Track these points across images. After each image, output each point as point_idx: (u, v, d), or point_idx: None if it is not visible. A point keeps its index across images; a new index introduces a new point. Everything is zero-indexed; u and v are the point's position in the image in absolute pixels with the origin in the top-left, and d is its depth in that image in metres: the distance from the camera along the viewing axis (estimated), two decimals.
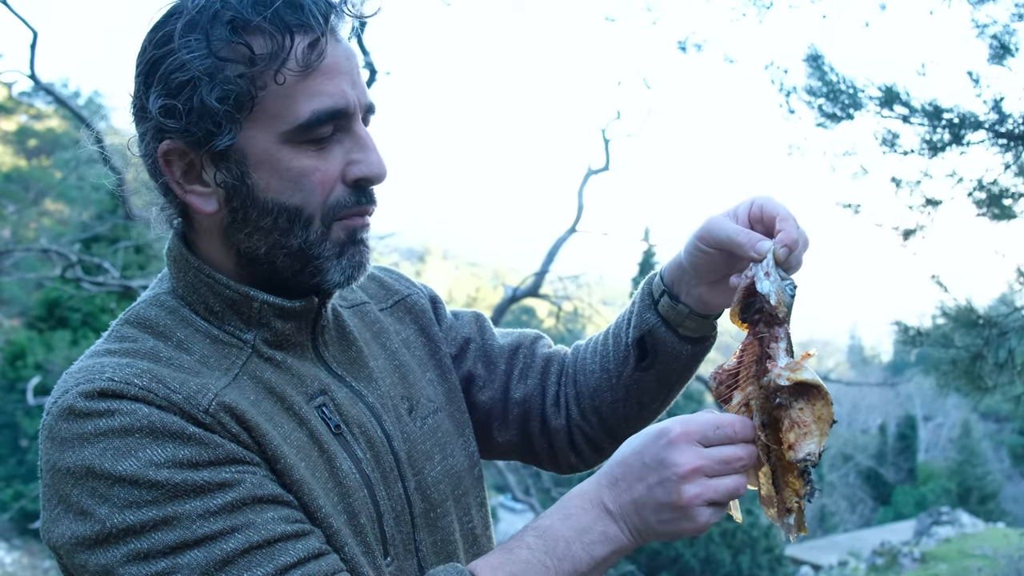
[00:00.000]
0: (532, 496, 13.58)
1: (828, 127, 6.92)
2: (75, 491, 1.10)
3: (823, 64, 6.87)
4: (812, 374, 1.17)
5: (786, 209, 1.28)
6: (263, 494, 1.14)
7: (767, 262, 1.21)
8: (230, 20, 1.17)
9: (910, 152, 6.60)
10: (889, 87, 6.48)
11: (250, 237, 1.25)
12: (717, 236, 1.30)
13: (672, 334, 1.47)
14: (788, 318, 1.21)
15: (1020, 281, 7.20)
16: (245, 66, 1.17)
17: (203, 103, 1.16)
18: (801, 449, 1.17)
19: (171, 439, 1.11)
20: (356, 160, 1.26)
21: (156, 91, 1.19)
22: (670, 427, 1.19)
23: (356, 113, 1.25)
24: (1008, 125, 6.33)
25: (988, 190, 6.74)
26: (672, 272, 1.45)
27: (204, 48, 1.16)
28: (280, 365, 1.30)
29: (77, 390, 1.14)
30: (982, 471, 32.26)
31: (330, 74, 1.21)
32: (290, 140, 1.21)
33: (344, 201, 1.26)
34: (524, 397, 1.62)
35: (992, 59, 6.51)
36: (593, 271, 15.51)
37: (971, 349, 7.02)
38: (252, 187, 1.22)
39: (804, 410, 1.18)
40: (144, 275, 17.80)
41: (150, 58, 1.21)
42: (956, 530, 21.53)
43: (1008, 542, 17.43)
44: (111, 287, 14.46)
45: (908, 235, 6.97)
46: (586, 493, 1.23)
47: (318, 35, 1.19)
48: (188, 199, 1.25)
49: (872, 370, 47.93)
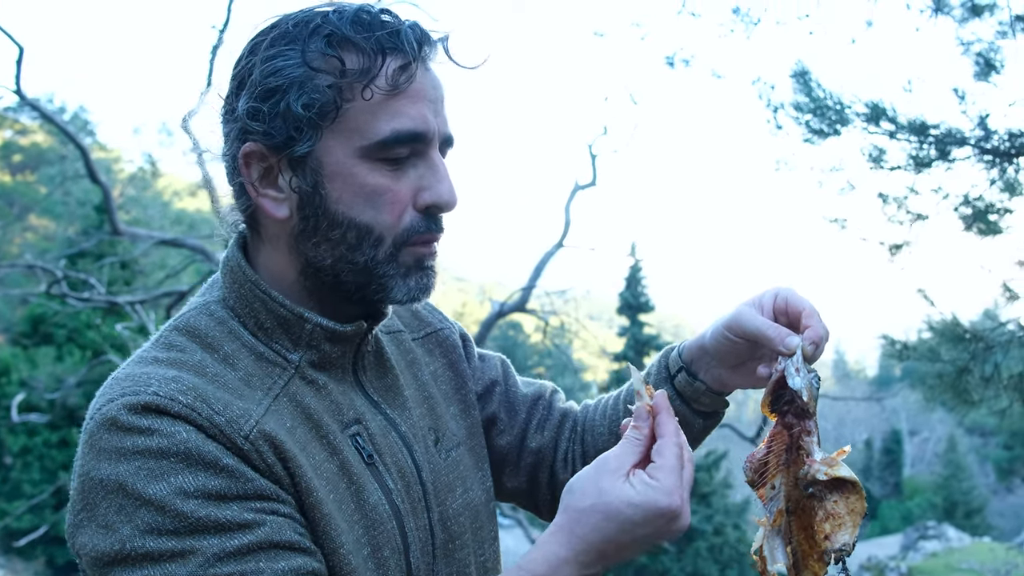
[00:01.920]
0: (519, 512, 13.55)
1: (815, 143, 6.95)
2: (104, 503, 1.11)
3: (810, 80, 6.91)
4: (849, 471, 1.23)
5: (811, 304, 1.33)
6: (280, 540, 1.14)
7: (796, 358, 1.27)
8: (327, 35, 1.21)
9: (897, 168, 6.65)
10: (876, 103, 6.53)
11: (317, 247, 1.27)
12: (746, 328, 1.35)
13: (686, 407, 1.51)
14: (815, 409, 1.27)
15: (1005, 296, 7.26)
16: (335, 77, 1.20)
17: (288, 108, 1.20)
18: (837, 540, 1.22)
19: (204, 468, 1.13)
20: (428, 186, 1.28)
21: (247, 94, 1.23)
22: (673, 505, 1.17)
23: (434, 140, 1.28)
24: (994, 141, 6.38)
25: (974, 206, 6.79)
26: (693, 352, 1.49)
27: (298, 57, 1.21)
28: (321, 389, 1.31)
29: (122, 401, 1.14)
30: (968, 485, 32.39)
31: (415, 98, 1.24)
32: (367, 156, 1.23)
33: (415, 226, 1.28)
34: (539, 448, 1.65)
35: (977, 76, 6.58)
36: (580, 286, 15.57)
37: (957, 363, 7.06)
38: (325, 197, 1.25)
39: (839, 503, 1.23)
40: (130, 291, 17.74)
41: (245, 64, 1.25)
42: (943, 544, 21.57)
43: (995, 556, 17.49)
44: (97, 303, 14.41)
45: (895, 250, 7.02)
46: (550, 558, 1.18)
47: (410, 59, 1.22)
48: (261, 202, 1.27)
49: (857, 384, 48.15)
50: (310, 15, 1.24)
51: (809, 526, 1.26)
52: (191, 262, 15.14)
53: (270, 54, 1.22)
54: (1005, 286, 7.21)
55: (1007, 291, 7.21)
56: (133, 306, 14.29)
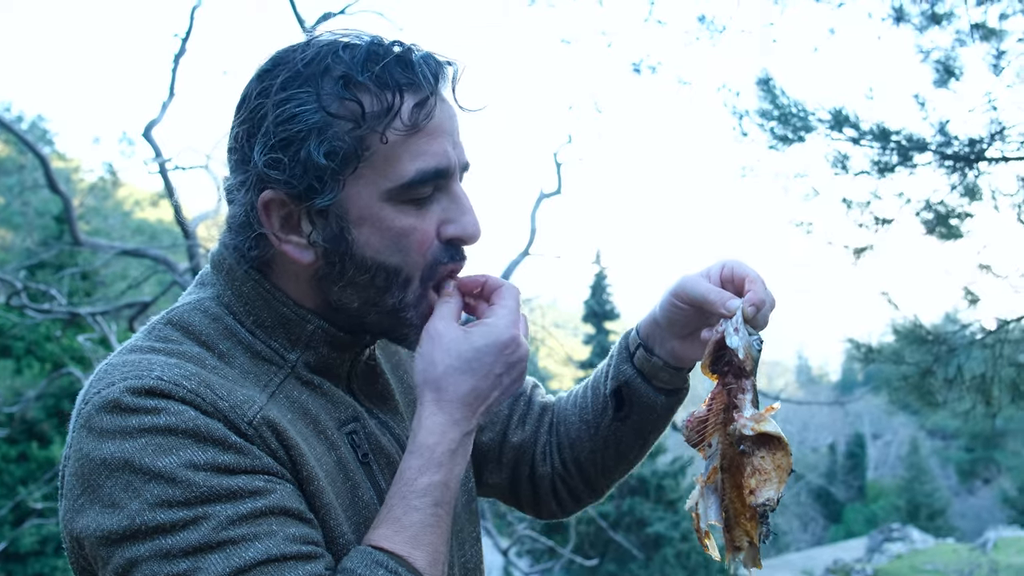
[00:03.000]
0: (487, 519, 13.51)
1: (780, 149, 7.04)
2: (108, 483, 1.10)
3: (774, 87, 7.00)
4: (775, 426, 1.28)
5: (755, 271, 1.38)
6: (290, 507, 1.15)
7: (736, 319, 1.32)
8: (342, 76, 1.18)
9: (861, 173, 6.74)
10: (839, 110, 6.62)
11: (343, 291, 1.27)
12: (691, 293, 1.40)
13: (647, 385, 1.54)
14: (754, 371, 1.32)
15: (967, 299, 7.37)
16: (354, 124, 1.18)
17: (310, 158, 1.17)
18: (761, 494, 1.27)
19: (213, 444, 1.13)
20: (453, 219, 1.29)
21: (262, 141, 1.19)
22: (515, 336, 1.29)
23: (456, 173, 1.28)
24: (954, 147, 6.49)
25: (935, 210, 6.89)
26: (647, 327, 1.54)
27: (314, 102, 1.17)
28: (316, 388, 1.32)
29: (124, 384, 1.14)
30: (930, 488, 32.82)
31: (434, 134, 1.23)
32: (392, 198, 1.23)
33: (439, 258, 1.29)
34: (520, 443, 1.67)
35: (937, 83, 6.69)
36: (546, 294, 15.63)
37: (921, 365, 7.16)
38: (351, 243, 1.24)
39: (765, 458, 1.28)
40: (91, 302, 17.49)
41: (256, 107, 1.21)
42: (907, 546, 21.85)
43: (958, 557, 17.74)
44: (58, 314, 14.18)
45: (859, 253, 7.10)
46: (447, 437, 1.25)
47: (427, 95, 1.21)
48: (284, 248, 1.25)
49: (820, 389, 48.57)
50: (321, 53, 1.20)
51: (740, 484, 1.30)
52: (153, 272, 14.94)
53: (283, 97, 1.18)
54: (966, 289, 7.33)
55: (968, 294, 7.33)
56: (95, 317, 14.08)
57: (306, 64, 1.19)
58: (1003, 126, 6.46)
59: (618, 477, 1.66)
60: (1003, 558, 17.09)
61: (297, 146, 1.17)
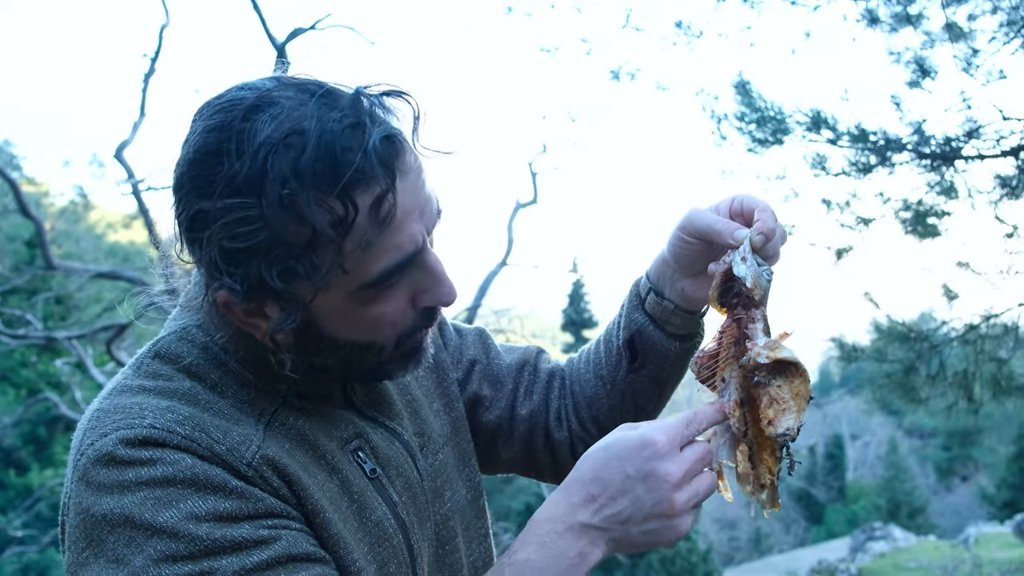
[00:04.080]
0: None
1: (759, 152, 7.10)
2: (110, 538, 1.07)
3: (751, 91, 7.06)
4: (790, 352, 1.22)
5: (765, 203, 1.32)
6: (297, 552, 1.12)
7: (744, 248, 1.26)
8: (285, 194, 1.04)
9: (840, 174, 6.81)
10: (816, 112, 6.69)
11: (321, 358, 1.22)
12: (698, 226, 1.34)
13: (660, 332, 1.49)
14: (765, 301, 1.26)
15: (946, 296, 7.46)
16: (304, 246, 1.07)
17: (262, 278, 1.08)
18: (780, 424, 1.22)
19: (213, 491, 1.09)
20: (426, 289, 1.20)
21: (208, 249, 1.09)
22: (653, 437, 1.17)
23: (425, 246, 1.17)
24: (931, 146, 6.57)
25: (914, 209, 6.98)
26: (656, 268, 1.48)
27: (258, 222, 1.05)
28: (313, 413, 1.27)
29: (117, 436, 1.10)
30: (910, 486, 33.01)
31: (399, 224, 1.11)
32: (358, 294, 1.15)
33: (415, 325, 1.23)
34: (530, 414, 1.63)
35: (911, 84, 6.78)
36: (524, 304, 15.64)
37: (904, 363, 7.24)
38: (321, 329, 1.18)
39: (782, 387, 1.23)
40: (66, 326, 17.32)
41: (194, 209, 1.09)
42: (890, 545, 21.97)
43: (941, 554, 17.87)
44: (33, 339, 14.05)
45: (841, 254, 7.17)
46: (557, 517, 1.18)
47: (384, 191, 1.08)
48: (250, 330, 1.18)
49: None
50: (260, 155, 1.05)
51: (758, 418, 1.25)
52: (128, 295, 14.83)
53: (225, 205, 1.06)
54: (945, 287, 7.42)
55: (947, 292, 7.42)
56: (71, 341, 13.94)
57: (244, 167, 1.05)
58: (978, 124, 6.56)
59: None
60: (985, 553, 17.25)
61: (246, 263, 1.08)
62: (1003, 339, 7.27)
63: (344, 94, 1.11)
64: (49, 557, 19.23)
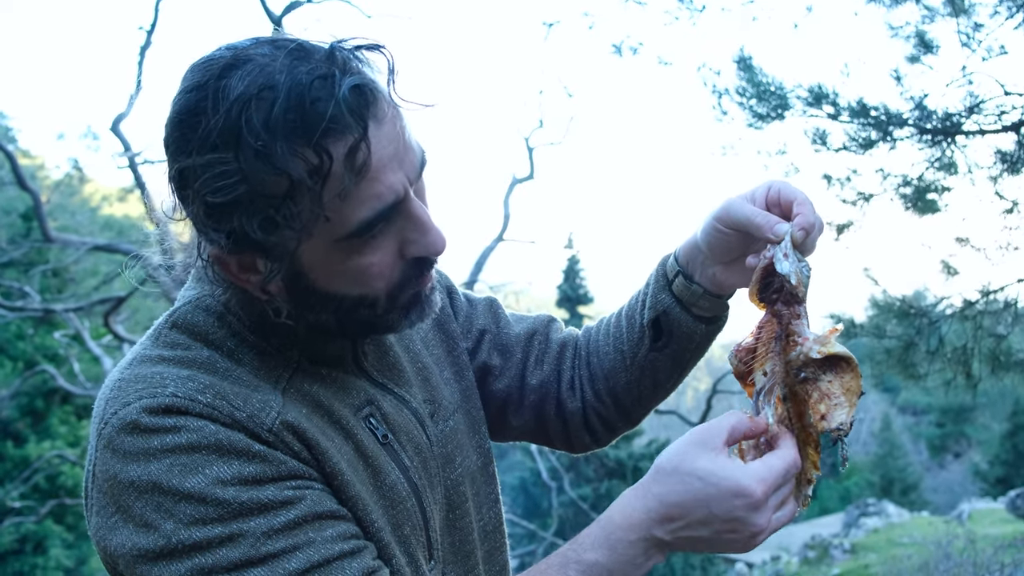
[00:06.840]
0: None
1: (759, 127, 7.08)
2: (138, 504, 1.08)
3: (752, 66, 7.03)
4: (843, 348, 1.21)
5: (804, 194, 1.30)
6: (323, 510, 1.14)
7: (785, 243, 1.24)
8: (260, 147, 1.06)
9: (841, 149, 6.80)
10: (818, 86, 6.67)
11: (314, 313, 1.23)
12: (736, 217, 1.32)
13: (686, 314, 1.49)
14: (806, 297, 1.24)
15: (945, 272, 7.47)
16: (283, 196, 1.09)
17: (244, 230, 1.10)
18: (834, 419, 1.21)
19: (237, 456, 1.11)
20: (413, 240, 1.21)
21: (194, 199, 1.11)
22: (751, 489, 1.16)
23: (408, 195, 1.18)
24: (933, 122, 6.56)
25: (914, 185, 6.97)
26: (687, 252, 1.47)
27: (237, 175, 1.07)
28: (326, 378, 1.29)
29: (140, 404, 1.11)
30: (903, 463, 33.22)
31: (377, 172, 1.12)
32: (342, 244, 1.15)
33: (406, 276, 1.23)
34: (540, 383, 1.63)
35: (911, 59, 6.76)
36: (521, 279, 15.65)
37: (904, 339, 7.26)
38: (311, 281, 1.19)
39: (833, 382, 1.22)
40: (62, 299, 17.30)
41: (178, 167, 1.12)
42: (883, 521, 22.08)
43: (934, 529, 17.97)
44: (31, 312, 14.03)
45: (841, 230, 7.17)
46: (634, 525, 1.20)
47: (357, 139, 1.09)
48: (245, 286, 1.21)
49: None
50: (233, 112, 1.07)
51: (802, 413, 1.25)
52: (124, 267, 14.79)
53: (205, 161, 1.08)
54: (944, 263, 7.43)
55: (946, 267, 7.43)
56: (68, 313, 13.93)
57: (220, 122, 1.07)
58: (979, 99, 6.54)
59: (654, 405, 1.62)
60: (979, 528, 17.35)
61: (228, 216, 1.10)
62: (1002, 315, 7.30)
63: (318, 48, 1.13)
64: (47, 528, 19.34)
